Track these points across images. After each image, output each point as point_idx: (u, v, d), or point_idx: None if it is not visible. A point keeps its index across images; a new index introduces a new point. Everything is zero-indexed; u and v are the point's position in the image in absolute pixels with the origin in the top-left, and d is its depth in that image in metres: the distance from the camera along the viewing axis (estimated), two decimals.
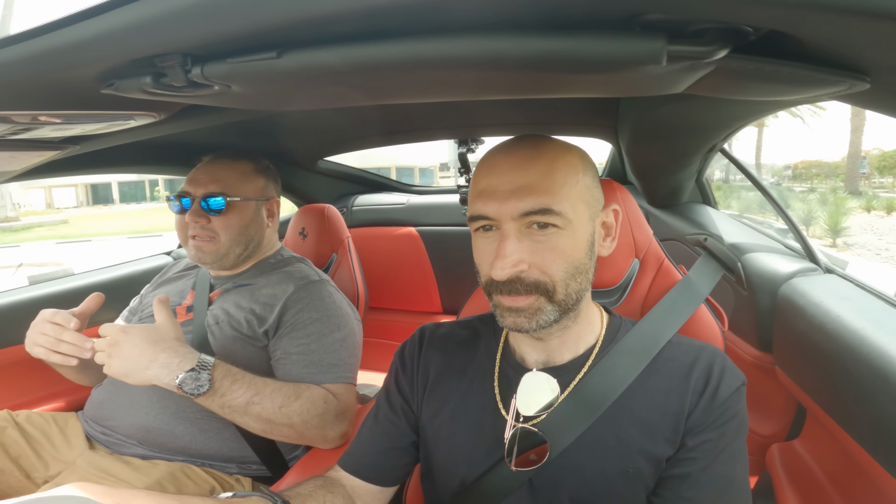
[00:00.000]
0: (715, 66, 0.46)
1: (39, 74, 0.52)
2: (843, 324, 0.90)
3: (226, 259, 1.21)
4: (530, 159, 0.65)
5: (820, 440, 1.04)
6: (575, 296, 0.66)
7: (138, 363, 0.91)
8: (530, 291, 0.64)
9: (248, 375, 1.00)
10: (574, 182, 0.65)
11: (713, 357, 0.70)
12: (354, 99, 0.70)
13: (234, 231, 1.19)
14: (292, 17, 0.40)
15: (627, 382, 0.69)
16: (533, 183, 0.63)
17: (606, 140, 1.78)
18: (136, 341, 0.92)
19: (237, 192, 1.20)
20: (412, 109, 1.52)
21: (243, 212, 1.21)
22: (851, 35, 0.40)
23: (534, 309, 0.65)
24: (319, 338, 1.11)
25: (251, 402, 0.96)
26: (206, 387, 0.92)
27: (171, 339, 0.95)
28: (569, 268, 0.65)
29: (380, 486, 0.79)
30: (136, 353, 0.91)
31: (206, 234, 1.17)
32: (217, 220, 1.17)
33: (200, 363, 0.93)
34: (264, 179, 1.29)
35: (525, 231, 0.64)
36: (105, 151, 1.07)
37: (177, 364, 0.92)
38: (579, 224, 0.65)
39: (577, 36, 0.41)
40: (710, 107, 1.01)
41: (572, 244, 0.65)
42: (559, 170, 0.65)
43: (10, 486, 1.08)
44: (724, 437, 0.65)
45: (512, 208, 0.63)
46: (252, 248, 1.25)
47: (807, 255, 1.21)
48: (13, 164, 0.92)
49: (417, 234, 2.29)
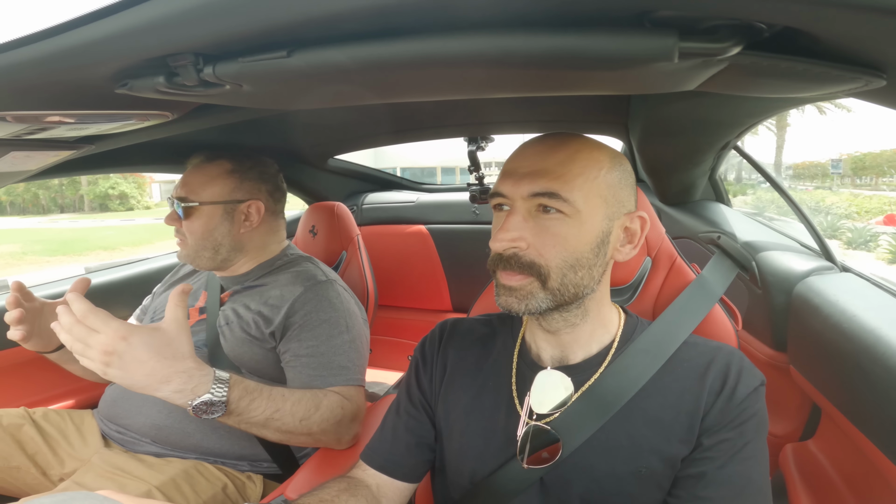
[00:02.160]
0: (728, 63, 0.45)
1: (55, 74, 0.53)
2: (859, 323, 0.89)
3: (198, 260, 1.20)
4: (553, 148, 0.68)
5: (835, 440, 1.03)
6: (572, 288, 0.66)
7: (147, 382, 0.79)
8: (524, 271, 0.65)
9: (266, 390, 0.94)
10: (593, 176, 0.66)
11: (730, 357, 0.69)
12: (364, 97, 0.70)
13: (197, 236, 1.18)
14: (302, 16, 0.40)
15: (641, 383, 0.69)
16: (549, 168, 0.65)
17: (617, 137, 1.77)
18: (143, 356, 0.78)
19: (197, 197, 1.17)
20: (421, 107, 1.52)
21: (205, 217, 1.18)
22: (868, 31, 0.39)
23: (526, 291, 0.66)
24: (328, 339, 1.11)
25: (271, 418, 0.93)
26: (220, 412, 0.87)
27: (185, 356, 0.83)
28: (567, 257, 0.65)
29: (405, 483, 0.79)
30: (144, 372, 0.79)
31: (180, 235, 1.19)
32: (185, 224, 1.18)
33: (216, 384, 0.85)
34: (237, 181, 1.21)
35: (533, 212, 0.66)
36: (119, 151, 1.08)
37: (191, 389, 0.82)
38: (589, 217, 0.65)
39: (587, 33, 0.41)
40: (723, 104, 1.00)
41: (576, 234, 0.65)
42: (578, 161, 0.66)
43: (27, 484, 1.10)
44: (742, 436, 0.64)
45: (524, 188, 0.65)
46: (225, 251, 1.21)
47: (823, 253, 1.20)
48: (29, 163, 0.94)
49: (427, 232, 2.29)
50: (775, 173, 1.68)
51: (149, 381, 0.79)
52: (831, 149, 38.90)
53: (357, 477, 0.79)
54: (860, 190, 19.66)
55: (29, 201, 30.17)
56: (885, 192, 19.44)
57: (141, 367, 0.78)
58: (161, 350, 0.79)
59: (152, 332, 0.80)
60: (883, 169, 23.10)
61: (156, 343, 0.79)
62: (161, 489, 0.97)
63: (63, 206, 31.00)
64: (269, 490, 1.12)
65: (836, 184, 21.86)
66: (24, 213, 30.04)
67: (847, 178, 23.15)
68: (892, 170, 22.88)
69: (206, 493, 1.02)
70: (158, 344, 0.79)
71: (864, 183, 23.07)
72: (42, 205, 30.36)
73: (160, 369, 0.79)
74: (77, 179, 28.43)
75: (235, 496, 1.06)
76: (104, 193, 28.46)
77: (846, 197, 15.22)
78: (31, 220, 27.20)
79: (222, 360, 1.13)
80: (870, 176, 23.34)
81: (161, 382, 0.79)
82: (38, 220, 26.73)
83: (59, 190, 30.17)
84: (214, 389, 0.84)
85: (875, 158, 23.66)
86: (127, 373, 0.78)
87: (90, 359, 0.77)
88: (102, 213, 28.75)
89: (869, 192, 18.98)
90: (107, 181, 28.06)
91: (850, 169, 23.56)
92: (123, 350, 0.77)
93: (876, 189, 21.06)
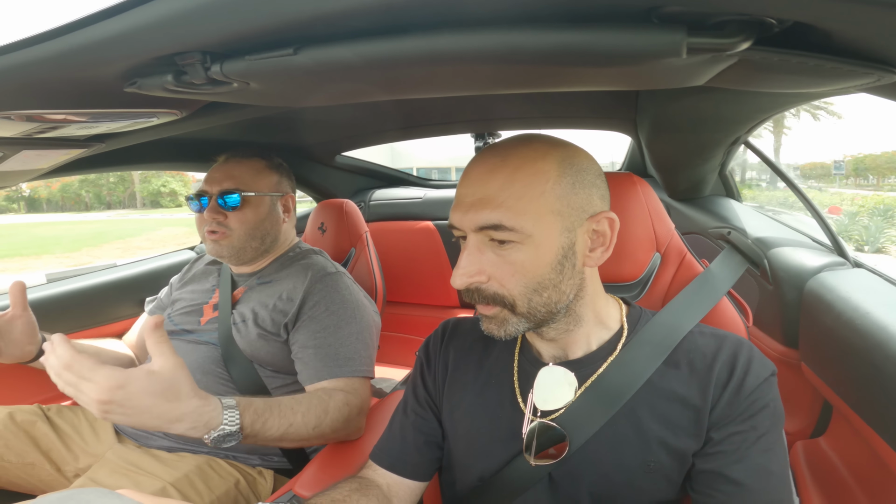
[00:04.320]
0: (738, 59, 0.45)
1: (65, 73, 0.53)
2: (872, 319, 0.88)
3: (243, 253, 1.23)
4: (493, 170, 0.63)
5: (846, 438, 1.02)
6: (543, 308, 0.65)
7: (157, 424, 0.76)
8: (491, 303, 0.64)
9: (275, 407, 0.92)
10: (538, 193, 0.62)
11: (738, 347, 0.67)
12: (371, 94, 0.70)
13: (250, 225, 1.22)
14: (309, 14, 0.40)
15: (646, 375, 0.68)
16: (489, 195, 0.62)
17: (626, 133, 1.76)
18: (146, 402, 0.74)
19: (251, 188, 1.23)
20: (429, 104, 1.52)
21: (258, 207, 1.24)
22: (879, 26, 0.39)
23: (500, 319, 0.65)
24: (336, 330, 1.12)
25: (286, 433, 0.93)
26: (238, 439, 0.86)
27: (189, 395, 0.78)
28: (529, 283, 0.63)
29: (416, 481, 0.80)
30: (152, 415, 0.75)
31: (223, 229, 1.20)
32: (233, 215, 1.20)
33: (227, 413, 0.83)
34: (277, 175, 1.31)
35: (487, 243, 0.64)
36: (129, 149, 1.09)
37: (204, 424, 0.80)
38: (543, 238, 0.62)
39: (594, 29, 0.40)
40: (732, 99, 0.99)
41: (533, 259, 0.63)
42: (519, 181, 0.62)
43: (41, 480, 1.11)
44: (755, 429, 0.63)
45: (470, 220, 0.63)
46: (269, 242, 1.28)
47: (835, 248, 1.18)
48: (40, 161, 0.95)
49: (434, 228, 2.29)
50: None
51: (159, 422, 0.76)
52: (826, 151, 41.05)
53: (367, 477, 0.79)
54: (861, 190, 21.00)
55: (70, 199, 31.02)
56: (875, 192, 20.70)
57: (147, 412, 0.75)
58: (164, 393, 0.76)
59: (149, 376, 0.75)
60: (882, 170, 25.03)
61: (156, 387, 0.75)
62: (175, 485, 0.98)
63: (110, 203, 32.10)
64: (278, 485, 1.13)
65: (830, 184, 23.50)
66: (62, 209, 30.81)
67: (851, 178, 25.14)
68: (888, 171, 24.76)
69: (218, 488, 1.03)
70: (159, 388, 0.75)
71: (866, 183, 24.80)
72: (85, 202, 31.30)
73: (168, 411, 0.76)
74: (126, 178, 29.59)
75: (247, 491, 1.07)
76: (156, 191, 29.90)
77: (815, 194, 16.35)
78: (67, 215, 28.25)
79: (237, 357, 1.15)
80: (871, 176, 25.29)
81: (172, 422, 0.77)
82: (77, 216, 27.74)
83: (110, 187, 31.46)
84: (227, 420, 0.83)
85: (875, 160, 25.56)
86: (132, 419, 0.74)
87: (85, 404, 0.74)
88: (154, 209, 30.33)
89: (869, 191, 20.18)
90: (158, 179, 29.50)
91: (853, 170, 25.41)
92: (122, 399, 0.72)
93: (878, 189, 22.54)
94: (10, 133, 0.74)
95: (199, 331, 1.22)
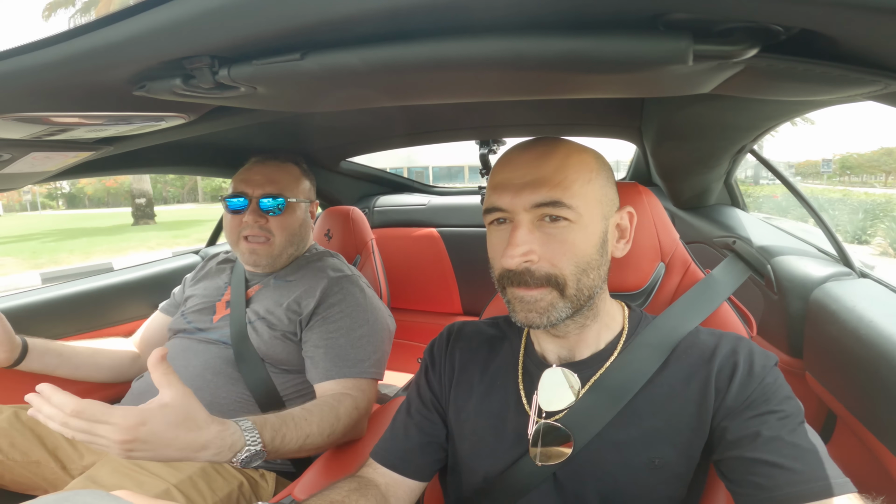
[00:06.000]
0: (744, 66, 0.45)
1: (74, 76, 0.54)
2: (877, 329, 0.87)
3: (278, 260, 1.24)
4: (544, 155, 0.67)
5: (850, 448, 1.01)
6: (587, 291, 0.67)
7: (184, 455, 0.76)
8: (541, 285, 0.65)
9: (290, 420, 0.92)
10: (587, 179, 0.67)
11: (736, 342, 0.69)
12: (377, 100, 0.70)
13: (290, 231, 1.23)
14: (315, 19, 0.40)
15: (647, 375, 0.69)
16: (546, 176, 0.65)
17: (630, 141, 1.76)
18: (170, 434, 0.74)
19: (293, 194, 1.24)
20: (434, 110, 1.53)
21: (296, 213, 1.25)
22: (886, 34, 0.39)
23: (546, 303, 0.65)
24: (348, 332, 1.13)
25: (304, 444, 0.94)
26: (263, 458, 0.86)
27: (207, 423, 0.78)
28: (579, 262, 0.65)
29: (415, 481, 0.80)
30: (178, 447, 0.75)
31: (263, 234, 1.20)
32: (274, 220, 1.21)
33: (247, 434, 0.83)
34: (308, 182, 1.33)
35: (537, 223, 0.66)
36: (137, 152, 1.10)
37: (228, 448, 0.80)
38: (591, 220, 0.66)
39: (600, 36, 0.40)
40: (738, 107, 0.99)
41: (583, 239, 0.66)
42: (572, 166, 0.66)
43: (46, 479, 1.11)
44: (774, 412, 0.61)
45: (525, 199, 0.65)
46: (302, 247, 1.30)
47: (840, 258, 1.18)
48: (49, 164, 0.95)
49: (438, 234, 2.29)
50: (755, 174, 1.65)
51: (185, 453, 0.76)
52: (811, 151, 44.05)
53: (366, 476, 0.79)
54: (851, 187, 22.47)
55: (122, 194, 32.41)
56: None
57: (171, 445, 0.74)
58: (183, 424, 0.76)
59: (164, 409, 0.75)
60: (864, 168, 27.34)
61: (175, 419, 0.75)
62: (179, 487, 0.97)
63: (166, 199, 34.45)
64: (280, 488, 1.13)
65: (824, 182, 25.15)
66: (101, 205, 32.15)
67: (836, 177, 27.37)
68: (873, 169, 26.80)
69: (222, 490, 1.03)
70: (176, 419, 0.75)
71: (852, 180, 26.92)
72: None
73: (193, 441, 0.76)
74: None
75: (249, 494, 1.07)
76: (218, 186, 31.40)
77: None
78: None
79: (248, 356, 1.15)
80: (856, 174, 27.68)
81: (198, 451, 0.77)
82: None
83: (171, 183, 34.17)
84: (249, 440, 0.83)
85: (859, 159, 27.88)
86: (157, 453, 0.74)
87: (103, 447, 0.72)
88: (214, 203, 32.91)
89: (858, 188, 21.46)
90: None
91: (840, 167, 27.56)
92: (146, 436, 0.72)
93: (865, 185, 24.30)
94: (19, 135, 0.75)
95: (212, 329, 1.23)
